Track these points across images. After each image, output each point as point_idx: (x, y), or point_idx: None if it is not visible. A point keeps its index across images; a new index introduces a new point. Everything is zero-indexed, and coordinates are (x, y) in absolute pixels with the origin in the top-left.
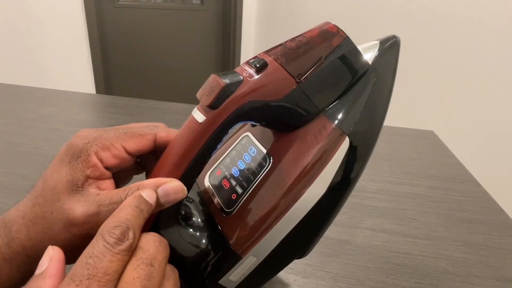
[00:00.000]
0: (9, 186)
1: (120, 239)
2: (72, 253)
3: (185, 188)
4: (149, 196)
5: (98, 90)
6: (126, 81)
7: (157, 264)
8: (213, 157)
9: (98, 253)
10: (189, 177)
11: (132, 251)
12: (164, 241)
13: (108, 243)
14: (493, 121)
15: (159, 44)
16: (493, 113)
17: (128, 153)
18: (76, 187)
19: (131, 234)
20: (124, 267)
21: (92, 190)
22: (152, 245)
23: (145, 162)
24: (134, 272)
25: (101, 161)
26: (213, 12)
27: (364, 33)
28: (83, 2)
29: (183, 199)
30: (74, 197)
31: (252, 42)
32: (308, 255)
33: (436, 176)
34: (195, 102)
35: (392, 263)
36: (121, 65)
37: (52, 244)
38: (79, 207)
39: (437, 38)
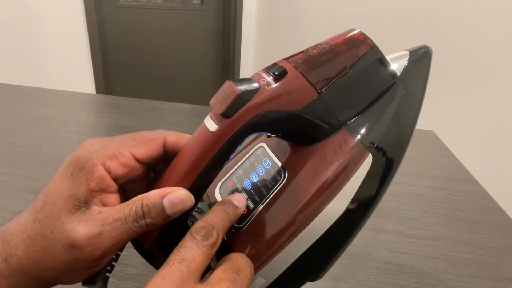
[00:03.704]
0: (9, 186)
1: (205, 236)
2: (75, 275)
3: (192, 196)
4: (238, 200)
5: (98, 90)
6: (126, 81)
7: (243, 275)
8: (225, 166)
9: (187, 245)
10: (198, 188)
11: (216, 248)
12: (250, 262)
13: (195, 238)
14: (493, 121)
15: (159, 44)
16: (493, 113)
17: (137, 160)
18: (78, 203)
19: (215, 233)
20: (209, 263)
21: (94, 207)
22: (241, 259)
23: (158, 175)
24: (222, 274)
25: (108, 171)
26: (213, 12)
27: (366, 33)
28: (83, 2)
29: (191, 210)
30: (75, 216)
31: (252, 42)
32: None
33: (436, 176)
34: (195, 102)
35: (392, 263)
36: (121, 65)
37: (52, 265)
38: (81, 228)
39: (437, 38)
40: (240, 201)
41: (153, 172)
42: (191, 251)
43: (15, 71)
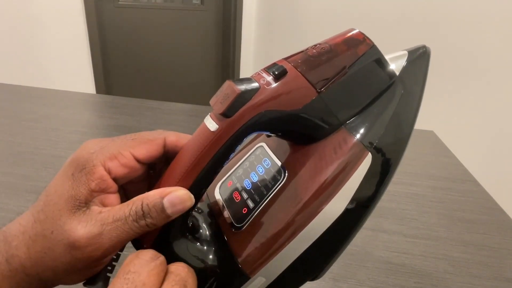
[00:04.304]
0: (9, 186)
1: (154, 255)
2: (76, 275)
3: (192, 196)
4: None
5: (98, 90)
6: (126, 81)
7: (190, 286)
8: (225, 166)
9: (136, 269)
10: (198, 187)
11: (165, 269)
12: (192, 269)
13: (144, 259)
14: (493, 121)
15: (159, 44)
16: (493, 113)
17: (138, 160)
18: (79, 203)
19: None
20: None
21: (94, 207)
22: (182, 270)
23: (159, 174)
24: None
25: (109, 172)
26: (213, 12)
27: (366, 33)
28: (83, 2)
29: (191, 210)
30: (75, 216)
31: (252, 42)
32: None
33: (436, 176)
34: (195, 102)
35: (392, 263)
36: (121, 65)
37: (52, 266)
38: (80, 228)
39: (436, 38)
40: None
41: (153, 172)
42: (141, 276)
43: (15, 71)
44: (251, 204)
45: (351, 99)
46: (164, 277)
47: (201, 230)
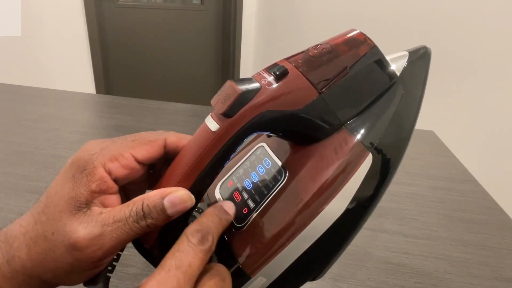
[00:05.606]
0: (9, 186)
1: (202, 241)
2: (76, 276)
3: (192, 196)
4: (228, 207)
5: (98, 90)
6: (126, 81)
7: (227, 283)
8: (225, 166)
9: (184, 249)
10: (199, 188)
11: (210, 253)
12: (229, 273)
13: (191, 242)
14: (493, 121)
15: (159, 44)
16: (493, 113)
17: (138, 161)
18: (79, 204)
19: (210, 238)
20: (204, 268)
21: (95, 208)
22: (222, 270)
23: (159, 173)
24: (211, 281)
25: (109, 173)
26: (213, 12)
27: (366, 34)
28: (83, 2)
29: (191, 210)
30: (76, 217)
31: (252, 42)
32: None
33: (436, 176)
34: (195, 102)
35: (392, 263)
36: (121, 65)
37: (53, 267)
38: (81, 230)
39: (437, 38)
40: (230, 208)
41: (153, 172)
42: (188, 257)
43: (15, 71)
44: (251, 204)
45: (352, 99)
46: (207, 271)
47: None
